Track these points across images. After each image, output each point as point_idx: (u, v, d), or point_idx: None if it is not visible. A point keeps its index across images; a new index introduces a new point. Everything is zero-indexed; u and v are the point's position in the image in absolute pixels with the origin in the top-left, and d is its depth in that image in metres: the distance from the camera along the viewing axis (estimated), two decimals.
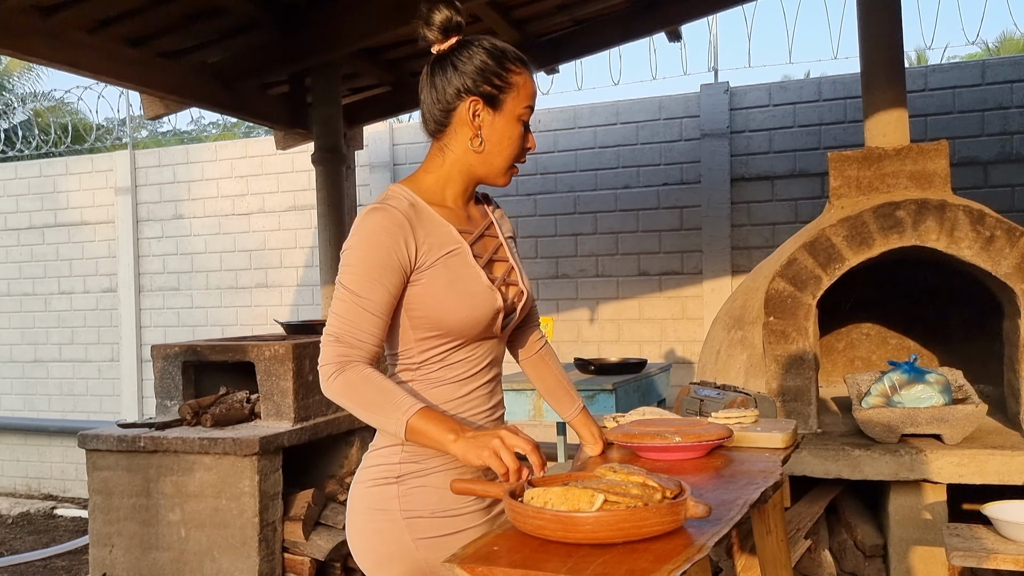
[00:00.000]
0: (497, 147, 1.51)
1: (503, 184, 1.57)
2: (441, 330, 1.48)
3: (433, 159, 1.58)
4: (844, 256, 2.80)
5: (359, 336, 1.44)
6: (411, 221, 1.46)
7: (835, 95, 4.99)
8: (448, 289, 1.47)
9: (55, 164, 7.01)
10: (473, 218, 1.60)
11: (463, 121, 1.50)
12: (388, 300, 1.45)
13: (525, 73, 1.50)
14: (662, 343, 5.26)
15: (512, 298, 1.59)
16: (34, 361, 7.03)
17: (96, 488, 3.36)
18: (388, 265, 1.43)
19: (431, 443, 1.38)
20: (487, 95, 1.48)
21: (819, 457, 2.64)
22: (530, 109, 1.51)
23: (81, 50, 3.33)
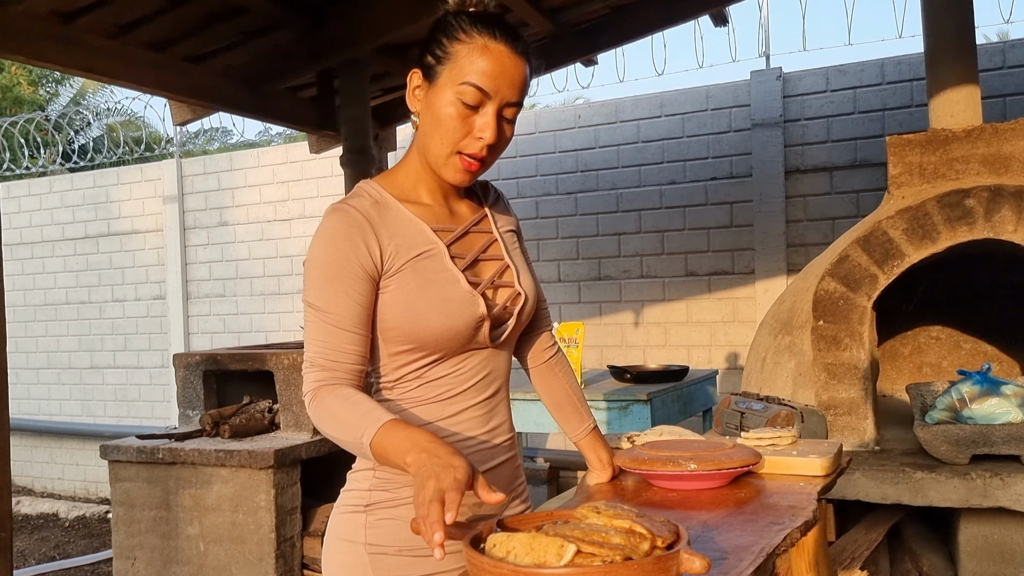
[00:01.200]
0: (428, 128, 1.28)
1: (454, 182, 1.32)
2: (415, 342, 1.29)
3: (407, 152, 1.39)
4: (904, 252, 2.51)
5: (332, 356, 1.26)
6: (372, 221, 1.27)
7: (900, 77, 4.63)
8: (419, 296, 1.27)
9: (107, 174, 7.09)
10: (457, 214, 1.39)
11: (407, 98, 1.30)
12: (357, 311, 1.26)
13: (476, 43, 1.24)
14: (711, 347, 4.97)
15: (505, 302, 1.38)
16: (90, 368, 7.13)
17: (119, 500, 3.29)
18: (350, 273, 1.25)
19: (395, 465, 1.16)
20: (425, 66, 1.28)
21: (875, 479, 2.35)
22: (475, 89, 1.23)
23: (98, 55, 3.26)
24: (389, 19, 3.60)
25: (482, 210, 1.44)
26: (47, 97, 14.53)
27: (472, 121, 1.25)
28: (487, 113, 1.25)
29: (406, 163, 1.38)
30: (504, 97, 1.25)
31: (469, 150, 1.27)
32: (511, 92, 1.26)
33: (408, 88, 1.31)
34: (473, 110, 1.25)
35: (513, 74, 1.25)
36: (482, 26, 1.25)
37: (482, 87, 1.23)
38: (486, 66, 1.23)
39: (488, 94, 1.24)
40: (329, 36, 3.70)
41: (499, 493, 1.07)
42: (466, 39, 1.24)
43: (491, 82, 1.23)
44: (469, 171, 1.29)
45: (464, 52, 1.24)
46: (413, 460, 1.11)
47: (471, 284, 1.31)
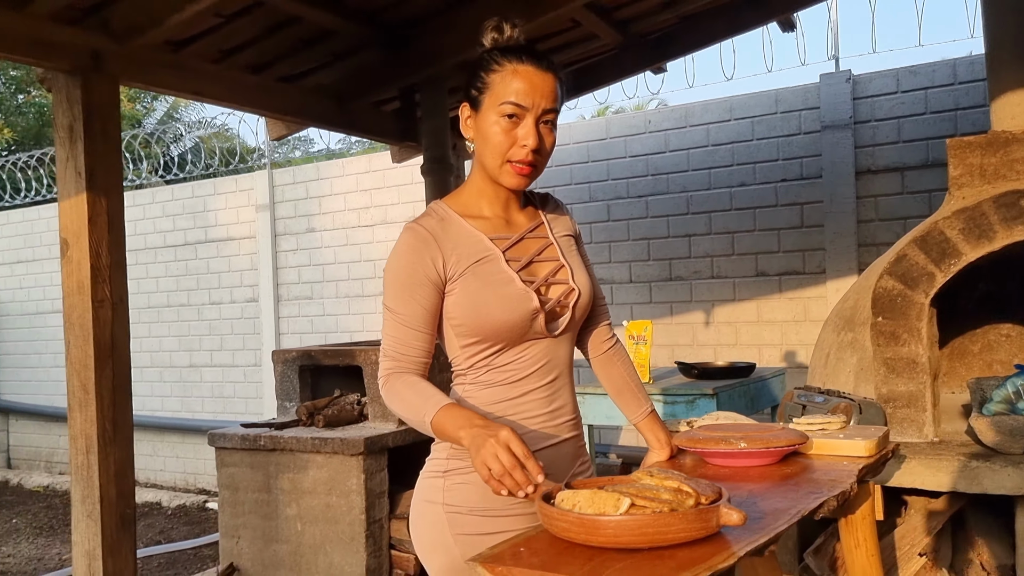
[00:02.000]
0: (482, 147, 1.52)
1: (513, 186, 1.55)
2: (480, 335, 1.52)
3: (470, 173, 1.63)
4: (960, 250, 2.60)
5: (402, 350, 1.52)
6: (437, 236, 1.52)
7: (973, 77, 4.63)
8: (480, 295, 1.50)
9: (205, 185, 7.57)
10: (514, 223, 1.62)
11: (462, 129, 1.57)
12: (423, 313, 1.51)
13: (506, 69, 1.47)
14: (782, 346, 5.04)
15: (559, 297, 1.58)
16: (189, 366, 7.61)
17: (224, 483, 3.61)
18: (417, 281, 1.50)
19: (451, 440, 1.41)
20: (471, 99, 1.53)
21: (931, 468, 2.45)
22: (513, 105, 1.46)
23: (206, 80, 3.59)
24: (468, 38, 3.82)
25: (539, 218, 1.66)
26: (144, 112, 15.40)
27: (515, 133, 1.49)
28: (527, 124, 1.48)
29: (469, 182, 1.63)
30: (539, 107, 1.48)
31: (517, 157, 1.50)
32: (544, 102, 1.49)
33: (460, 119, 1.57)
34: (515, 124, 1.48)
35: (543, 87, 1.49)
36: (510, 54, 1.49)
37: (518, 102, 1.47)
38: (519, 86, 1.47)
39: (524, 107, 1.47)
40: (412, 55, 3.96)
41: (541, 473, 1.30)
42: (499, 68, 1.49)
43: (525, 97, 1.47)
44: (522, 175, 1.52)
45: (499, 79, 1.48)
46: (466, 434, 1.36)
47: (525, 282, 1.53)
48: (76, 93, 2.96)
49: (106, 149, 3.02)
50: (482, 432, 1.32)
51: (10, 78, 13.77)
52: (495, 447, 1.28)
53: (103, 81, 3.02)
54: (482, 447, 1.30)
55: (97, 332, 2.99)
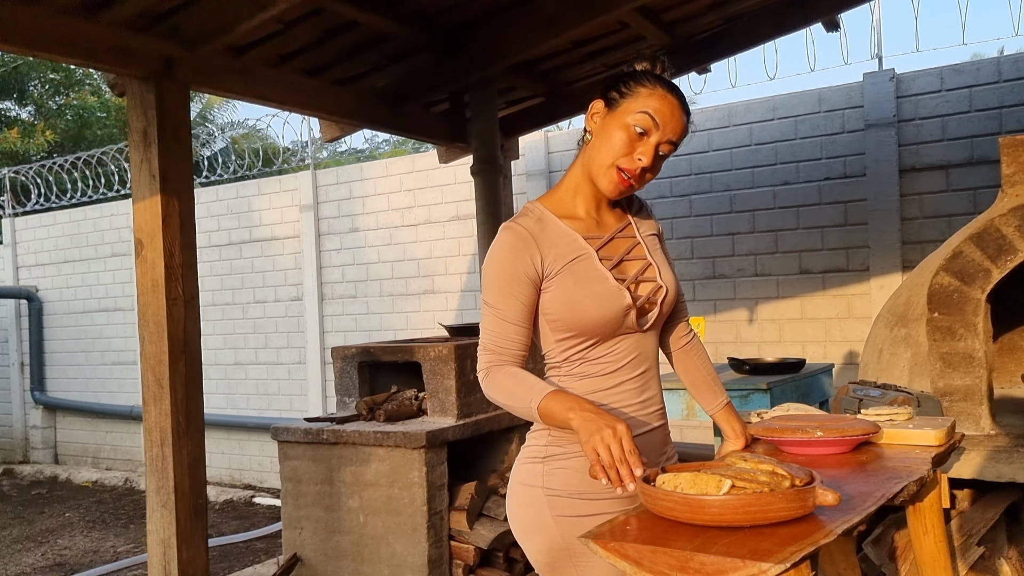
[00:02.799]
0: (599, 140, 1.60)
1: (608, 192, 1.62)
2: (575, 330, 1.60)
3: (568, 170, 1.71)
4: (1016, 247, 2.64)
5: (501, 343, 1.60)
6: (535, 236, 1.60)
7: (1018, 74, 4.64)
8: (575, 292, 1.59)
9: (249, 186, 7.73)
10: (605, 223, 1.70)
11: (586, 119, 1.64)
12: (522, 309, 1.60)
13: (657, 91, 1.57)
14: (827, 343, 5.08)
15: (649, 294, 1.66)
16: (234, 364, 7.78)
17: (287, 476, 3.72)
18: (516, 278, 1.58)
19: (559, 423, 1.49)
20: (609, 98, 1.61)
21: (990, 459, 2.50)
22: (649, 117, 1.54)
23: (267, 84, 3.71)
24: (519, 42, 3.93)
25: (626, 218, 1.74)
26: None
27: (636, 145, 1.57)
28: (650, 143, 1.57)
29: (567, 179, 1.70)
30: (666, 134, 1.58)
31: (626, 166, 1.59)
32: (672, 133, 1.58)
33: (588, 112, 1.65)
34: (640, 137, 1.56)
35: (678, 122, 1.59)
36: (664, 83, 1.60)
37: (655, 118, 1.56)
38: (661, 107, 1.57)
39: (657, 125, 1.56)
40: (464, 57, 4.06)
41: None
42: (649, 86, 1.58)
43: (662, 118, 1.56)
44: (621, 186, 1.61)
45: (646, 93, 1.58)
46: (575, 416, 1.44)
47: (618, 280, 1.61)
48: (150, 99, 3.08)
49: (178, 152, 3.14)
50: (596, 419, 1.40)
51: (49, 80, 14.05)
52: (610, 438, 1.36)
53: (175, 87, 3.15)
54: (595, 433, 1.38)
55: (171, 329, 3.11)
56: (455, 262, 6.47)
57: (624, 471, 1.36)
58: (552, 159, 6.08)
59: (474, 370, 3.67)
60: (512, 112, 5.14)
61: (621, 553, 1.24)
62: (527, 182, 6.10)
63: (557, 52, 4.45)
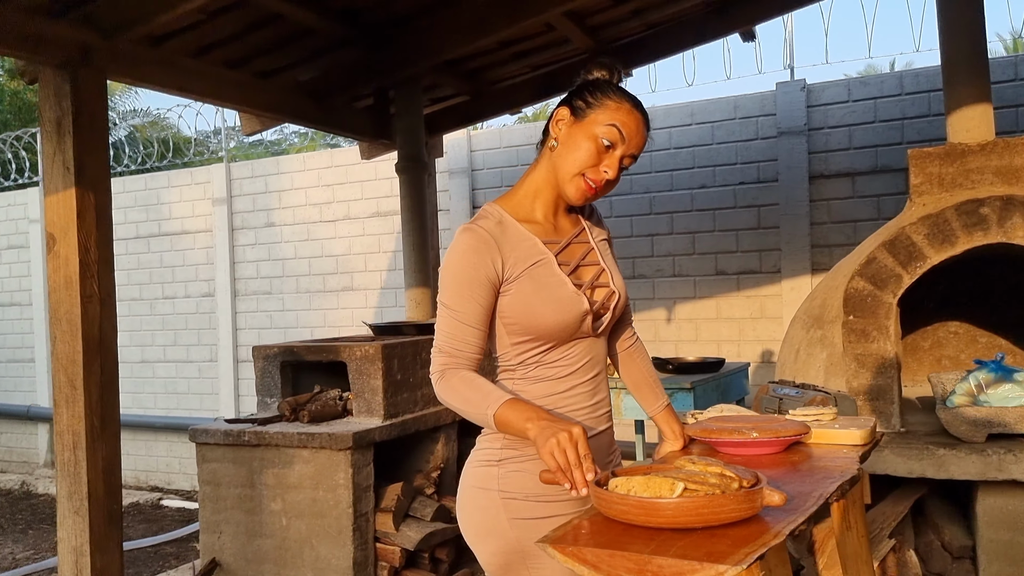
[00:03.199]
0: (566, 149, 1.62)
1: (573, 199, 1.64)
2: (532, 334, 1.61)
3: (526, 173, 1.72)
4: (925, 254, 2.80)
5: (458, 346, 1.59)
6: (496, 238, 1.60)
7: (918, 88, 4.91)
8: (534, 296, 1.60)
9: (158, 178, 7.44)
10: (562, 228, 1.72)
11: (551, 126, 1.65)
12: (481, 312, 1.59)
13: (624, 105, 1.59)
14: (740, 342, 5.26)
15: (603, 299, 1.69)
16: (141, 362, 7.48)
17: (205, 479, 3.61)
18: (477, 280, 1.58)
19: (515, 431, 1.50)
20: (575, 106, 1.62)
21: (902, 456, 2.65)
22: (616, 130, 1.57)
23: (188, 75, 3.58)
24: (447, 40, 3.92)
25: (580, 224, 1.77)
26: None
27: (602, 157, 1.60)
28: (615, 156, 1.60)
29: (527, 183, 1.71)
30: (630, 148, 1.61)
31: (592, 176, 1.61)
32: (636, 147, 1.62)
33: (552, 118, 1.66)
34: (607, 150, 1.59)
35: (641, 137, 1.63)
36: (631, 98, 1.63)
37: (623, 132, 1.58)
38: (628, 121, 1.59)
39: (624, 139, 1.59)
40: (390, 55, 4.02)
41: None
42: (616, 99, 1.61)
43: (628, 132, 1.59)
44: (587, 194, 1.63)
45: (613, 106, 1.60)
46: (533, 426, 1.45)
47: (575, 286, 1.64)
48: (65, 88, 2.94)
49: (94, 144, 3.00)
50: (551, 425, 1.42)
51: None
52: (566, 441, 1.38)
53: (91, 76, 3.00)
54: (551, 438, 1.39)
55: (86, 328, 2.98)
56: (375, 259, 6.39)
57: (578, 475, 1.38)
58: (475, 157, 6.08)
59: (401, 369, 3.66)
60: (436, 110, 5.12)
61: (579, 557, 1.25)
62: (450, 180, 6.08)
63: (483, 52, 4.46)
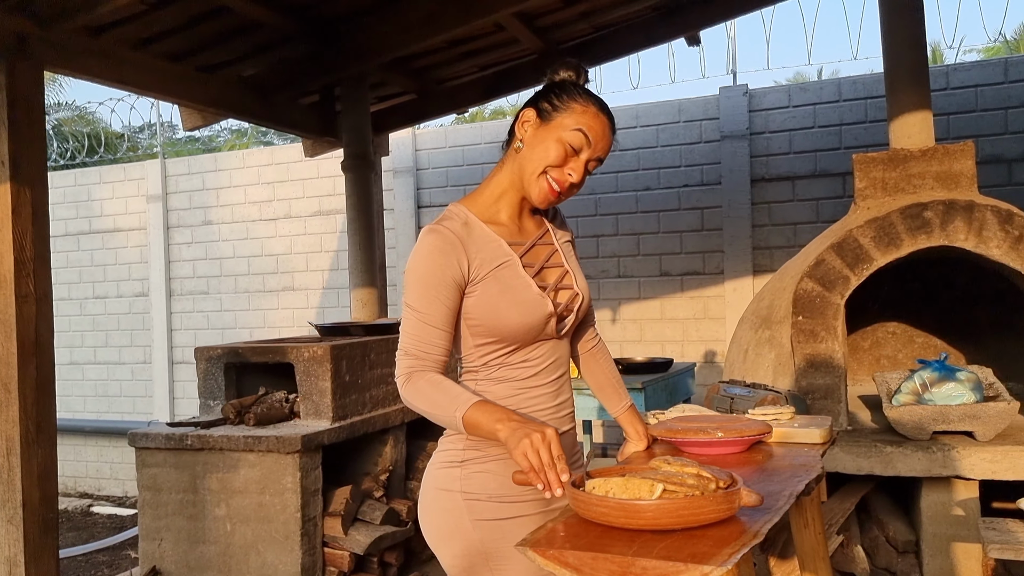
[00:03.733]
0: (531, 152, 1.60)
1: (537, 200, 1.62)
2: (496, 336, 1.60)
3: (491, 174, 1.70)
4: (872, 256, 2.88)
5: (424, 348, 1.57)
6: (463, 239, 1.58)
7: (855, 95, 5.06)
8: (500, 298, 1.58)
9: (89, 173, 7.17)
10: (526, 230, 1.70)
11: (517, 128, 1.63)
12: (447, 313, 1.57)
13: (591, 109, 1.58)
14: (684, 343, 5.34)
15: (567, 301, 1.69)
16: (70, 363, 7.19)
17: (145, 484, 3.48)
18: (443, 282, 1.56)
19: (485, 433, 1.48)
20: (541, 109, 1.60)
21: (851, 454, 2.72)
22: (583, 135, 1.55)
23: (128, 67, 3.45)
24: (397, 38, 3.86)
25: (545, 226, 1.76)
26: None
27: (568, 160, 1.59)
28: (580, 160, 1.59)
29: (491, 184, 1.69)
30: (596, 152, 1.60)
31: (556, 176, 1.59)
32: (603, 151, 1.62)
33: (519, 120, 1.63)
34: (573, 153, 1.58)
35: (607, 141, 1.62)
36: (597, 102, 1.61)
37: (588, 136, 1.57)
38: (594, 125, 1.58)
39: (590, 143, 1.58)
40: (340, 51, 3.94)
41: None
42: (582, 102, 1.59)
43: (594, 136, 1.58)
44: (550, 196, 1.61)
45: (580, 109, 1.58)
46: (504, 427, 1.44)
47: (540, 288, 1.63)
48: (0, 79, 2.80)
49: (31, 137, 2.87)
50: (522, 427, 1.41)
51: None
52: (539, 442, 1.37)
53: (28, 66, 2.86)
54: (524, 439, 1.38)
55: (21, 328, 2.85)
56: (317, 258, 6.28)
57: (552, 476, 1.38)
58: (419, 157, 6.02)
59: (349, 371, 3.60)
60: (382, 108, 5.05)
61: (561, 560, 1.24)
62: (394, 179, 6.02)
63: (431, 50, 4.41)
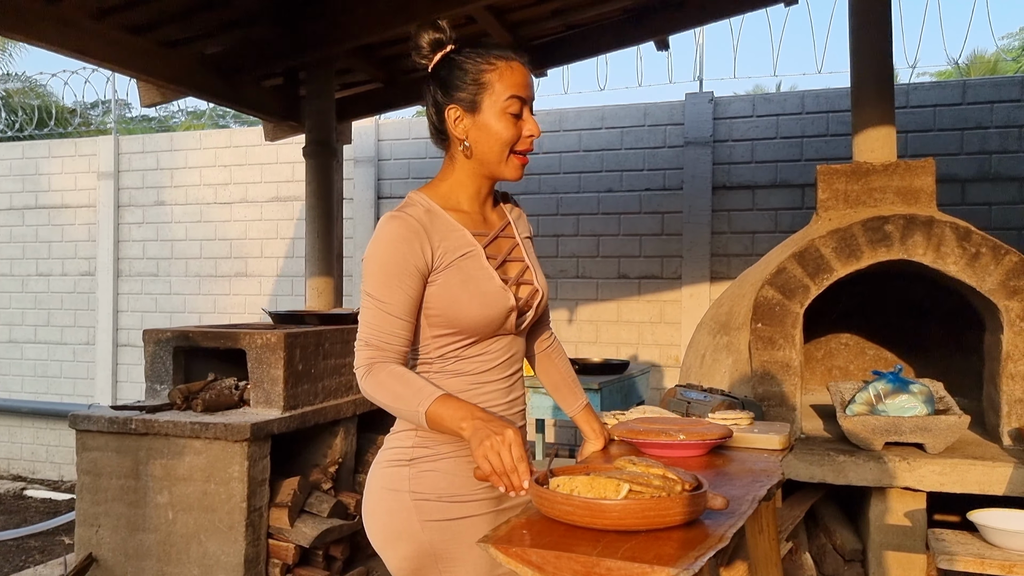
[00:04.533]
0: (485, 146, 1.55)
1: (512, 178, 1.59)
2: (455, 328, 1.55)
3: (444, 168, 1.65)
4: (832, 267, 2.91)
5: (385, 339, 1.51)
6: (426, 227, 1.53)
7: (818, 108, 5.13)
8: (462, 289, 1.53)
9: (38, 147, 6.92)
10: (489, 220, 1.66)
11: (452, 130, 1.57)
12: (409, 303, 1.52)
13: (501, 67, 1.52)
14: (639, 345, 5.36)
15: (527, 297, 1.65)
16: (8, 342, 6.94)
17: (85, 469, 3.36)
18: (405, 270, 1.50)
19: (448, 429, 1.44)
20: (463, 101, 1.55)
21: (804, 462, 2.74)
22: (518, 99, 1.51)
23: (86, 37, 3.33)
24: (367, 23, 3.80)
25: (507, 218, 1.72)
26: None
27: (520, 125, 1.54)
28: (527, 116, 1.55)
29: (445, 177, 1.63)
30: (531, 96, 1.56)
31: (523, 147, 1.56)
32: (532, 93, 1.57)
33: (448, 122, 1.56)
34: (517, 117, 1.53)
35: (529, 79, 1.57)
36: (496, 52, 1.54)
37: (520, 96, 1.53)
38: (517, 79, 1.53)
39: (525, 100, 1.54)
40: (308, 33, 3.86)
41: None
42: (492, 67, 1.52)
43: (524, 90, 1.54)
44: (524, 164, 1.59)
45: (496, 77, 1.52)
46: (468, 425, 1.40)
47: (503, 281, 1.59)
48: None
49: None
50: (486, 426, 1.37)
51: None
52: (499, 445, 1.34)
53: None
54: (486, 440, 1.35)
55: None
56: (272, 245, 6.16)
57: (515, 479, 1.35)
58: (382, 147, 5.94)
59: (303, 360, 3.52)
60: (347, 95, 4.97)
61: (523, 559, 1.21)
62: (355, 168, 5.93)
63: (400, 39, 4.35)
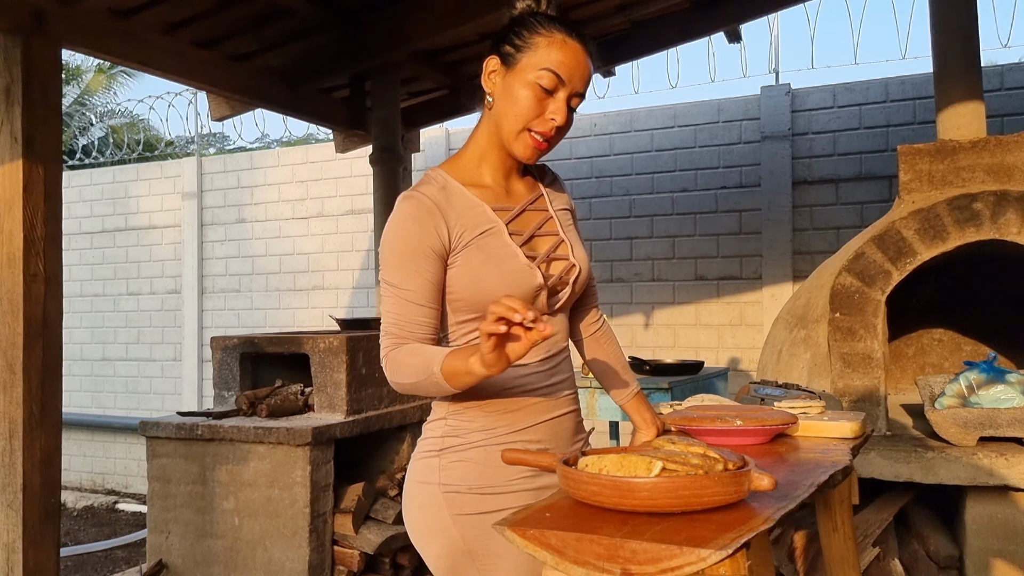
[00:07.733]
0: (503, 104, 1.43)
1: (524, 158, 1.46)
2: (480, 311, 1.42)
3: (472, 134, 1.55)
4: (915, 250, 2.69)
5: (407, 327, 1.42)
6: (440, 206, 1.42)
7: (903, 96, 4.84)
8: (482, 269, 1.42)
9: (127, 171, 7.24)
10: (515, 193, 1.55)
11: (484, 80, 1.46)
12: (429, 287, 1.41)
13: (557, 38, 1.39)
14: (719, 349, 5.14)
15: (560, 273, 1.53)
16: (102, 359, 7.24)
17: (155, 475, 3.41)
18: (422, 253, 1.40)
19: (465, 375, 1.30)
20: (504, 53, 1.44)
21: (888, 459, 2.52)
22: (554, 75, 1.38)
23: (153, 50, 3.42)
24: (426, 27, 3.78)
25: (538, 190, 1.60)
26: None
27: (546, 104, 1.41)
28: (559, 98, 1.41)
29: (471, 145, 1.52)
30: (574, 87, 1.42)
31: (539, 128, 1.42)
32: (580, 83, 1.43)
33: (484, 72, 1.46)
34: (548, 94, 1.40)
35: (584, 69, 1.43)
36: (561, 25, 1.42)
37: (559, 74, 1.39)
38: (564, 57, 1.39)
39: (563, 81, 1.40)
40: (368, 40, 3.88)
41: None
42: (546, 33, 1.40)
43: (567, 71, 1.39)
44: (537, 149, 1.45)
45: (544, 43, 1.40)
46: (476, 357, 1.24)
47: (529, 257, 1.47)
48: (15, 53, 2.77)
49: (46, 114, 2.83)
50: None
51: None
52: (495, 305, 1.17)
53: (45, 43, 2.83)
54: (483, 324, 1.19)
55: (28, 308, 2.78)
56: (348, 257, 6.22)
57: (520, 309, 1.15)
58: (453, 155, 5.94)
59: (366, 364, 3.49)
60: (414, 104, 4.98)
61: (542, 542, 1.10)
62: None
63: (463, 43, 4.33)
